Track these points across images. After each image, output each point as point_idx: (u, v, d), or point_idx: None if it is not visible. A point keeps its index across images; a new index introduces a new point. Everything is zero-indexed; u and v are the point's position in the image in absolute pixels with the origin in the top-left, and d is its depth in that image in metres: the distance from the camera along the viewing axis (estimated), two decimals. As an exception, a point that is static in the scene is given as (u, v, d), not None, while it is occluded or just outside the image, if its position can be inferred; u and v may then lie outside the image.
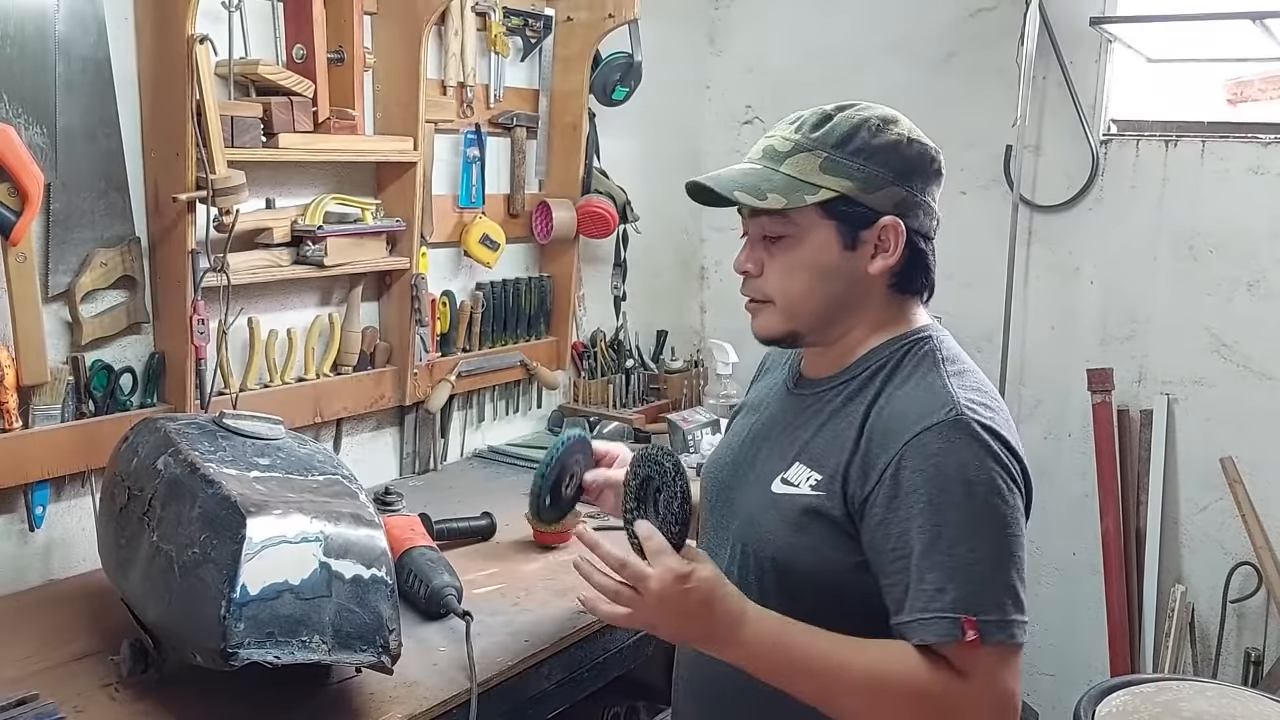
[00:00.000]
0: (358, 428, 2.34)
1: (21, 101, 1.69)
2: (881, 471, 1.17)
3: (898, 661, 1.14)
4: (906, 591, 1.14)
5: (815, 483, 1.23)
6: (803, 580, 1.23)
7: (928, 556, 1.13)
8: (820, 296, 1.26)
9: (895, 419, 1.19)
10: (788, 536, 1.23)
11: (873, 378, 1.26)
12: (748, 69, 3.23)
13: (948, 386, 1.20)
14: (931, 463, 1.15)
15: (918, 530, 1.14)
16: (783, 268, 1.26)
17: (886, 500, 1.16)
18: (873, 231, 1.24)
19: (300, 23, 2.03)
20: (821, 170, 1.22)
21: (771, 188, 1.22)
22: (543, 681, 1.62)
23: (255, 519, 1.28)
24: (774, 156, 1.25)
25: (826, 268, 1.25)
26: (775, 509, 1.26)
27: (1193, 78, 2.78)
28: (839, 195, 1.22)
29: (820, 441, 1.26)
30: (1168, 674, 2.54)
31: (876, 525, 1.17)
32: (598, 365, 2.89)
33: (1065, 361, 2.84)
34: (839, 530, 1.21)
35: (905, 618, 1.14)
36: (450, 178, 2.46)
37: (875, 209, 1.23)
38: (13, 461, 1.70)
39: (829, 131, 1.23)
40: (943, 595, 1.12)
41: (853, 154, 1.22)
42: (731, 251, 1.36)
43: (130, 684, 1.43)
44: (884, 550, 1.17)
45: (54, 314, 1.79)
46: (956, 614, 1.11)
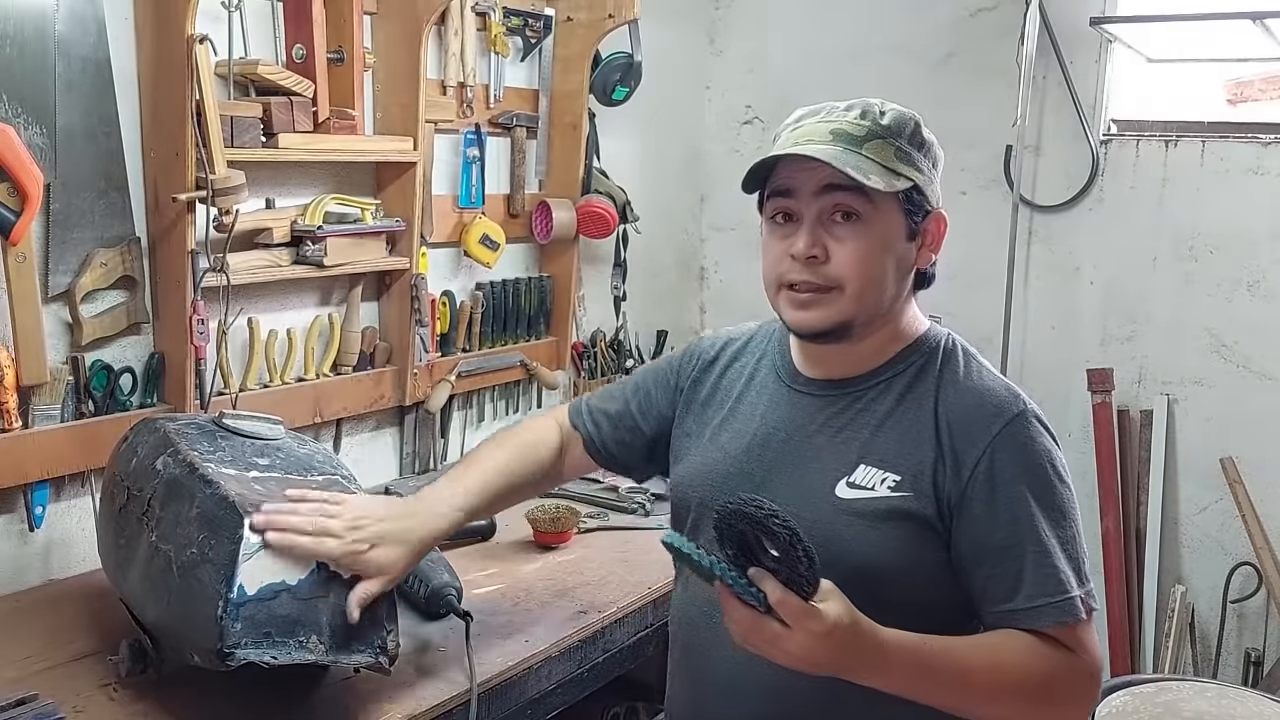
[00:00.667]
0: (357, 428, 2.34)
1: (21, 101, 1.69)
2: (974, 466, 1.20)
3: (1018, 650, 1.17)
4: (1020, 578, 1.17)
5: (895, 484, 1.22)
6: (889, 584, 1.19)
7: (1041, 542, 1.18)
8: (887, 283, 1.25)
9: (972, 414, 1.23)
10: (875, 541, 1.20)
11: (922, 375, 1.27)
12: (748, 69, 3.23)
13: (1003, 380, 1.28)
14: (1022, 454, 1.20)
15: (1026, 519, 1.18)
16: (857, 250, 1.21)
17: (985, 493, 1.19)
18: (926, 224, 1.27)
19: (300, 23, 2.03)
20: (897, 159, 1.22)
21: (870, 168, 1.19)
22: (543, 682, 1.62)
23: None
24: (849, 140, 1.21)
25: (895, 256, 1.25)
26: (850, 514, 1.22)
27: (1193, 78, 2.79)
28: (914, 185, 1.23)
29: (886, 441, 1.24)
30: (1168, 674, 2.53)
31: (978, 520, 1.19)
32: (598, 365, 2.89)
33: (1065, 361, 2.84)
34: (928, 529, 1.21)
35: (1025, 604, 1.17)
36: (450, 178, 2.46)
37: (932, 202, 1.27)
38: (12, 461, 1.70)
39: (894, 122, 1.24)
40: (1065, 578, 1.17)
41: (917, 146, 1.25)
42: (731, 251, 1.36)
43: (129, 684, 1.43)
44: (988, 541, 1.19)
45: (54, 314, 1.79)
46: (1076, 592, 1.17)
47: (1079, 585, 1.18)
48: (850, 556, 1.19)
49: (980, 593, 1.21)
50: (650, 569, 1.91)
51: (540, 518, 2.02)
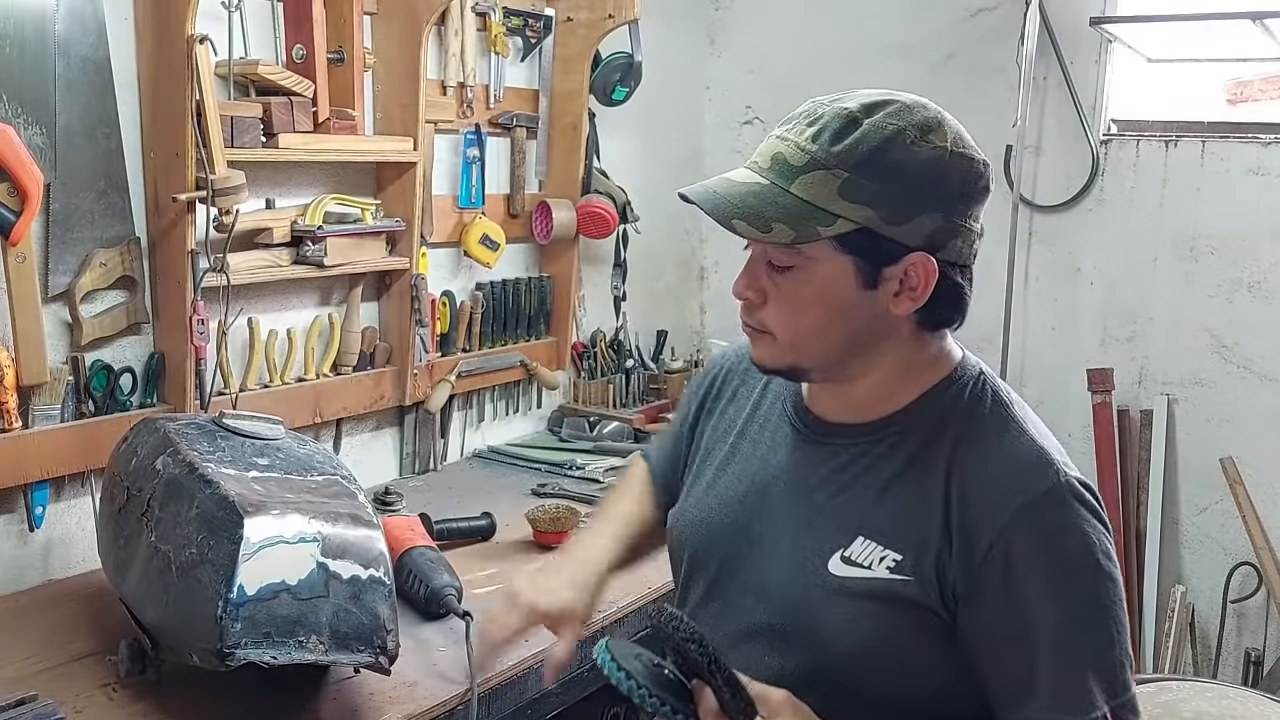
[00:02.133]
0: (357, 428, 2.34)
1: (21, 101, 1.69)
2: (987, 550, 1.02)
3: None
4: (1033, 682, 1.01)
5: (895, 564, 1.05)
6: (872, 672, 1.06)
7: (1063, 645, 1.01)
8: (831, 336, 1.07)
9: (991, 487, 1.04)
10: (864, 626, 1.05)
11: (938, 432, 1.08)
12: (748, 69, 3.23)
13: (1036, 443, 1.07)
14: (1048, 538, 1.02)
15: (1044, 615, 1.01)
16: (788, 302, 1.07)
17: (999, 580, 1.02)
18: (898, 268, 1.04)
19: (300, 23, 2.03)
20: (840, 195, 1.01)
21: (779, 214, 1.02)
22: (542, 682, 1.62)
23: (253, 519, 1.28)
24: (784, 171, 1.04)
25: (840, 307, 1.05)
26: (842, 595, 1.07)
27: (1193, 78, 2.78)
28: (859, 228, 1.01)
29: (888, 512, 1.07)
30: (1168, 674, 2.53)
31: (988, 610, 1.03)
32: (598, 365, 2.89)
33: (1065, 362, 2.84)
34: (931, 618, 1.05)
35: (1040, 714, 1.01)
36: (450, 178, 2.46)
37: (902, 242, 1.03)
38: (12, 461, 1.70)
39: (853, 145, 1.02)
40: (1088, 693, 1.00)
41: (880, 175, 1.01)
42: (732, 251, 1.25)
43: (128, 684, 1.43)
44: (996, 636, 1.03)
45: (54, 314, 1.79)
46: (1102, 709, 1.00)
47: (1108, 696, 1.01)
48: (839, 643, 1.07)
49: (989, 687, 1.05)
50: (650, 569, 1.90)
51: (540, 518, 2.02)
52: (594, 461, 2.50)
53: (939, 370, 1.13)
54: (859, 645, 1.06)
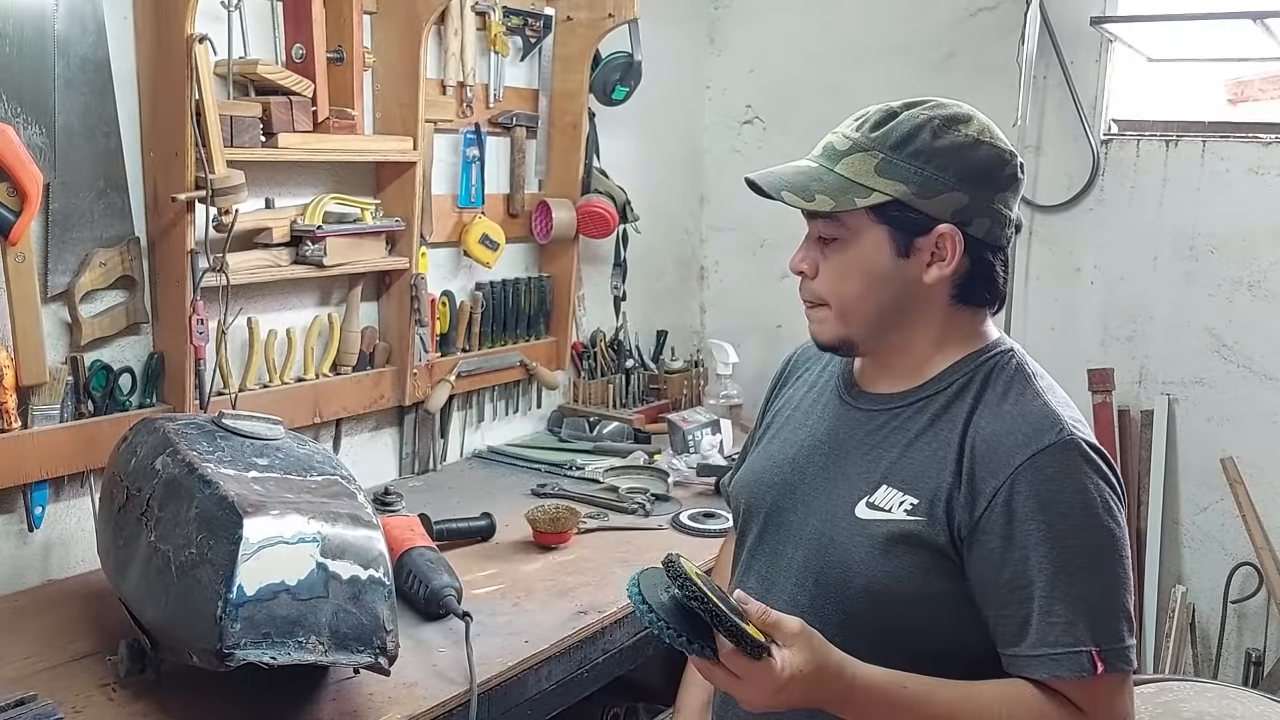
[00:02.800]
0: (357, 428, 2.34)
1: (20, 101, 1.69)
2: (991, 497, 1.11)
3: (1019, 703, 1.10)
4: (1027, 624, 1.10)
5: (911, 507, 1.16)
6: (895, 611, 1.16)
7: (1054, 588, 1.09)
8: (872, 303, 1.20)
9: (1001, 440, 1.14)
10: (883, 564, 1.16)
11: (961, 394, 1.19)
12: (748, 69, 3.22)
13: (1049, 405, 1.17)
14: (1048, 488, 1.10)
15: (1039, 560, 1.09)
16: (834, 271, 1.21)
17: (1001, 527, 1.11)
18: (929, 239, 1.18)
19: (300, 22, 2.03)
20: (876, 172, 1.16)
21: (822, 188, 1.17)
22: (542, 682, 1.62)
23: (252, 519, 1.28)
24: (831, 155, 1.20)
25: (878, 274, 1.19)
26: (864, 535, 1.18)
27: (1193, 78, 2.78)
28: (892, 200, 1.16)
29: (910, 463, 1.19)
30: (1168, 674, 2.53)
31: (990, 553, 1.12)
32: (598, 365, 2.89)
33: (1066, 362, 2.83)
34: (939, 557, 1.14)
35: (1028, 651, 1.10)
36: (450, 177, 2.46)
37: (932, 215, 1.16)
38: (12, 461, 1.70)
39: (889, 131, 1.17)
40: (1073, 629, 1.08)
41: (911, 156, 1.16)
42: (731, 251, 1.35)
43: (128, 684, 1.43)
44: (998, 580, 1.12)
45: (53, 314, 1.78)
46: (1088, 647, 1.08)
47: (1098, 639, 1.08)
48: (859, 579, 1.17)
49: (993, 632, 1.14)
50: (650, 569, 1.90)
51: (540, 518, 2.02)
52: (594, 461, 2.50)
53: (971, 345, 1.24)
54: (877, 582, 1.16)
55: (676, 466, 2.43)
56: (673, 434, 2.59)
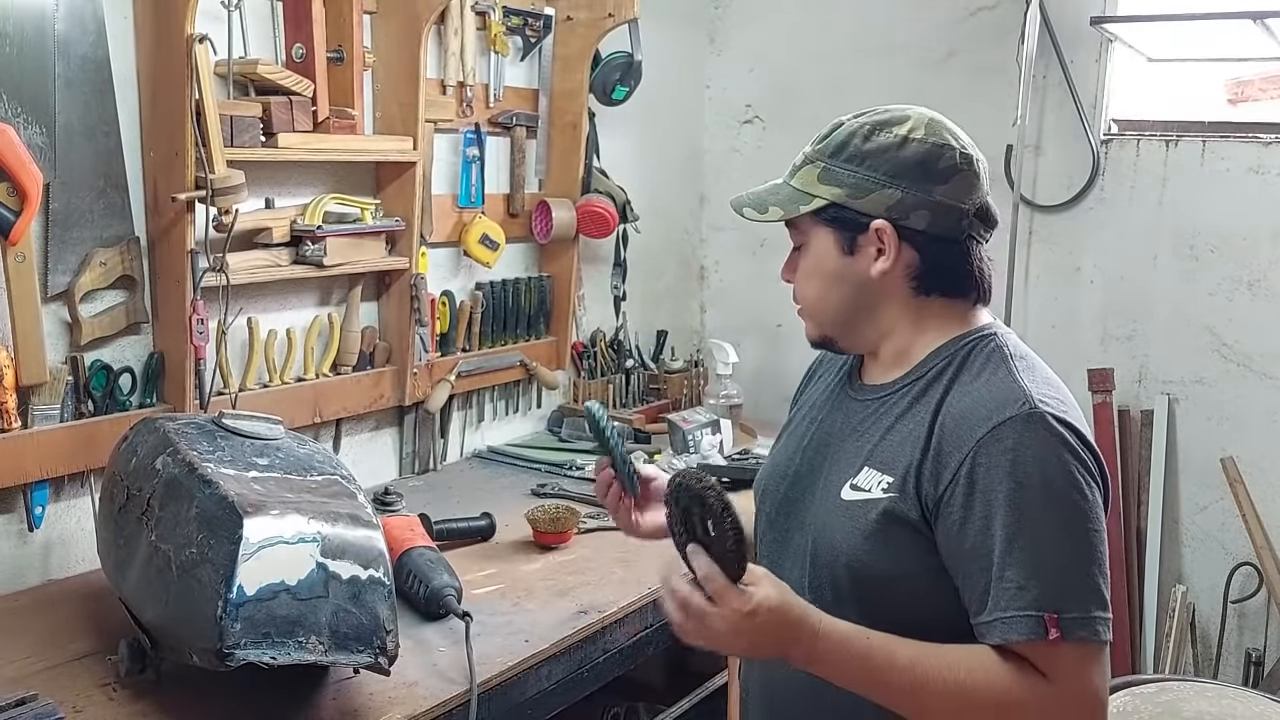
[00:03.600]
0: (357, 428, 2.34)
1: (21, 101, 1.69)
2: (955, 469, 1.15)
3: (980, 667, 1.12)
4: (987, 591, 1.13)
5: (887, 485, 1.21)
6: (878, 587, 1.20)
7: (1008, 554, 1.11)
8: (832, 300, 1.29)
9: (967, 415, 1.18)
10: (861, 542, 1.21)
11: (939, 377, 1.25)
12: (748, 69, 3.22)
13: (1019, 380, 1.19)
14: (1008, 458, 1.13)
15: (999, 527, 1.12)
16: (801, 275, 1.32)
17: (963, 498, 1.15)
18: (868, 236, 1.25)
19: (300, 22, 2.03)
20: (819, 180, 1.26)
21: (776, 201, 1.29)
22: (542, 682, 1.62)
23: (252, 519, 1.28)
24: (791, 170, 1.31)
25: (831, 273, 1.28)
26: (846, 515, 1.23)
27: (1193, 77, 2.78)
28: (829, 203, 1.25)
29: (888, 445, 1.24)
30: (1168, 674, 2.53)
31: (953, 524, 1.15)
32: (598, 365, 2.89)
33: (1066, 361, 2.82)
34: (914, 532, 1.19)
35: (985, 617, 1.13)
36: (450, 177, 2.46)
37: (865, 213, 1.24)
38: (12, 461, 1.70)
39: (829, 141, 1.27)
40: (1024, 593, 1.10)
41: (845, 161, 1.25)
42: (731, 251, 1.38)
43: (128, 684, 1.43)
44: (961, 550, 1.15)
45: (53, 314, 1.78)
46: (1039, 611, 1.10)
47: (1054, 605, 1.10)
48: (843, 557, 1.22)
49: (964, 603, 1.17)
50: (650, 569, 1.90)
51: (540, 518, 2.02)
52: (594, 462, 2.50)
53: (953, 332, 1.28)
54: (857, 560, 1.21)
55: (677, 466, 2.43)
56: (673, 434, 2.59)
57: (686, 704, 2.12)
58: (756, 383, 3.09)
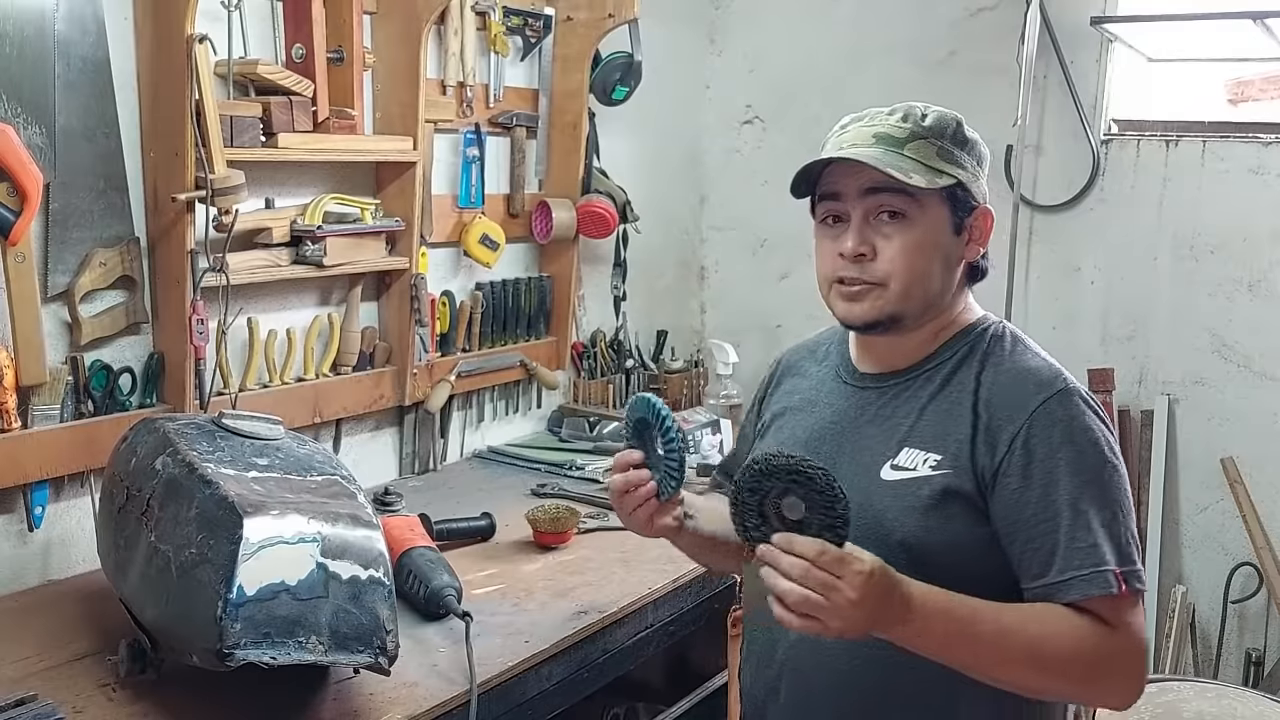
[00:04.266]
0: (357, 428, 2.33)
1: (20, 101, 1.69)
2: (1010, 441, 1.23)
3: (1057, 621, 1.18)
4: (1054, 553, 1.19)
5: (936, 463, 1.26)
6: (931, 560, 1.24)
7: (1076, 517, 1.20)
8: (935, 277, 1.31)
9: (1012, 391, 1.26)
10: (917, 519, 1.25)
11: (965, 361, 1.31)
12: (748, 69, 3.22)
13: (1048, 361, 1.31)
14: (1060, 429, 1.23)
15: (1059, 494, 1.20)
16: (904, 247, 1.28)
17: (1021, 468, 1.22)
18: (973, 219, 1.32)
19: (300, 22, 2.03)
20: (939, 157, 1.29)
21: (911, 167, 1.27)
22: (543, 682, 1.62)
23: (252, 519, 1.28)
24: (892, 142, 1.28)
25: (942, 249, 1.31)
26: (893, 495, 1.27)
27: (1193, 78, 2.78)
28: (957, 182, 1.29)
29: (927, 425, 1.29)
30: (1169, 674, 2.53)
31: (1012, 493, 1.22)
32: (598, 365, 2.89)
33: (1066, 361, 2.76)
34: (969, 505, 1.24)
35: (1057, 577, 1.19)
36: (450, 177, 2.46)
37: (976, 196, 1.31)
38: (12, 461, 1.70)
39: (939, 124, 1.30)
40: (1098, 551, 1.19)
41: (958, 145, 1.30)
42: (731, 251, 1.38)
43: (128, 684, 1.43)
44: (1023, 516, 1.22)
45: (53, 314, 1.78)
46: (1111, 567, 1.18)
47: (1118, 561, 1.19)
48: (894, 534, 1.26)
49: (1019, 568, 1.23)
50: (650, 569, 1.91)
51: (540, 518, 2.02)
52: (594, 461, 2.50)
53: (965, 320, 1.36)
54: (911, 535, 1.25)
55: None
56: (673, 434, 2.58)
57: (686, 704, 2.11)
58: (756, 383, 3.07)
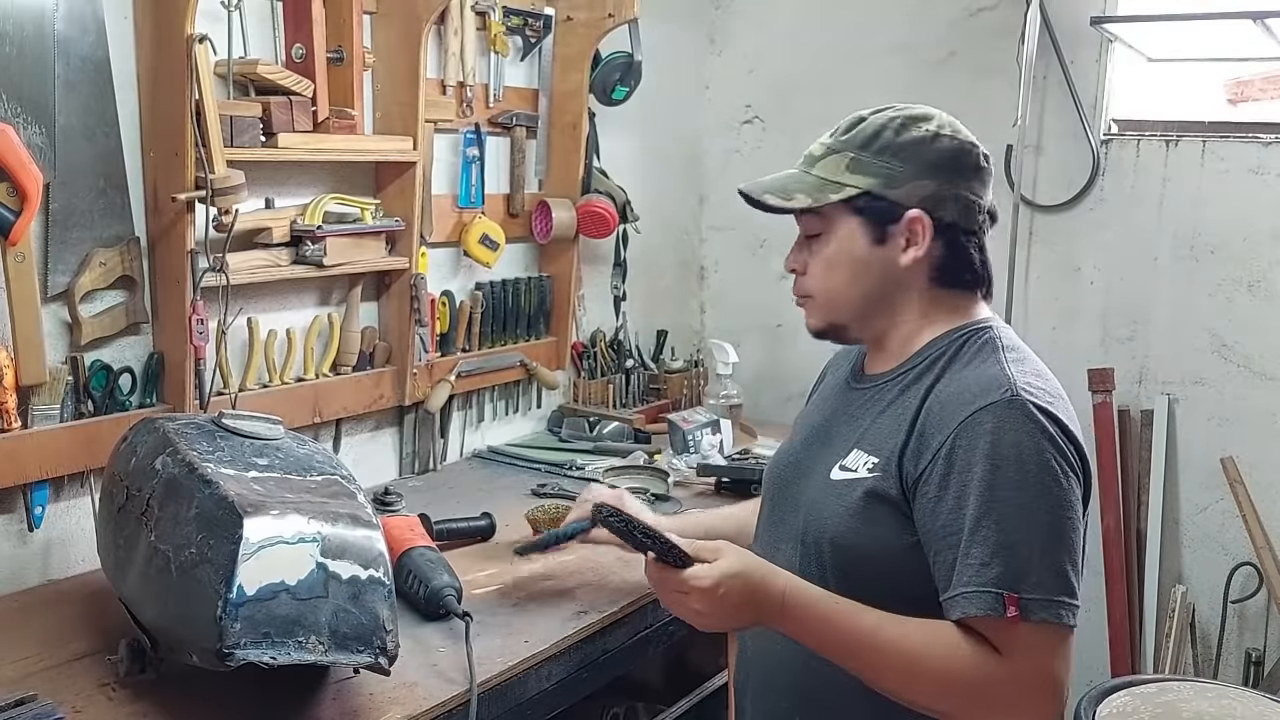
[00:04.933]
0: (357, 428, 2.33)
1: (20, 101, 1.69)
2: (936, 450, 1.21)
3: (938, 638, 1.17)
4: (952, 567, 1.18)
5: (873, 465, 1.27)
6: (859, 562, 1.26)
7: (975, 532, 1.16)
8: (855, 290, 1.31)
9: (951, 400, 1.23)
10: (845, 520, 1.27)
11: (932, 365, 1.30)
12: (748, 69, 3.22)
13: (1005, 369, 1.25)
14: (985, 440, 1.18)
15: (970, 506, 1.17)
16: (819, 264, 1.33)
17: (939, 478, 1.20)
18: (900, 225, 1.28)
19: (300, 22, 2.03)
20: (848, 169, 1.29)
21: (800, 189, 1.30)
22: (542, 682, 1.62)
23: (252, 519, 1.28)
24: (810, 160, 1.33)
25: (857, 261, 1.30)
26: (833, 494, 1.30)
27: (1193, 77, 2.78)
28: (862, 191, 1.28)
29: (878, 428, 1.30)
30: (1168, 674, 2.53)
31: (929, 502, 1.21)
32: (598, 365, 2.89)
33: (1066, 361, 2.82)
34: (895, 511, 1.24)
35: (949, 593, 1.18)
36: (450, 177, 2.46)
37: (899, 202, 1.27)
38: (12, 461, 1.70)
39: (857, 133, 1.30)
40: (986, 570, 1.14)
41: (877, 152, 1.28)
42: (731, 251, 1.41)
43: (128, 684, 1.43)
44: (935, 527, 1.20)
45: (53, 314, 1.78)
46: (999, 589, 1.13)
47: (1014, 584, 1.13)
48: (829, 533, 1.29)
49: (935, 579, 1.22)
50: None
51: (540, 518, 2.02)
52: (594, 461, 2.50)
53: (952, 323, 1.33)
54: (842, 535, 1.28)
55: (676, 466, 2.43)
56: (673, 434, 2.59)
57: (686, 704, 2.12)
58: (756, 383, 3.09)
